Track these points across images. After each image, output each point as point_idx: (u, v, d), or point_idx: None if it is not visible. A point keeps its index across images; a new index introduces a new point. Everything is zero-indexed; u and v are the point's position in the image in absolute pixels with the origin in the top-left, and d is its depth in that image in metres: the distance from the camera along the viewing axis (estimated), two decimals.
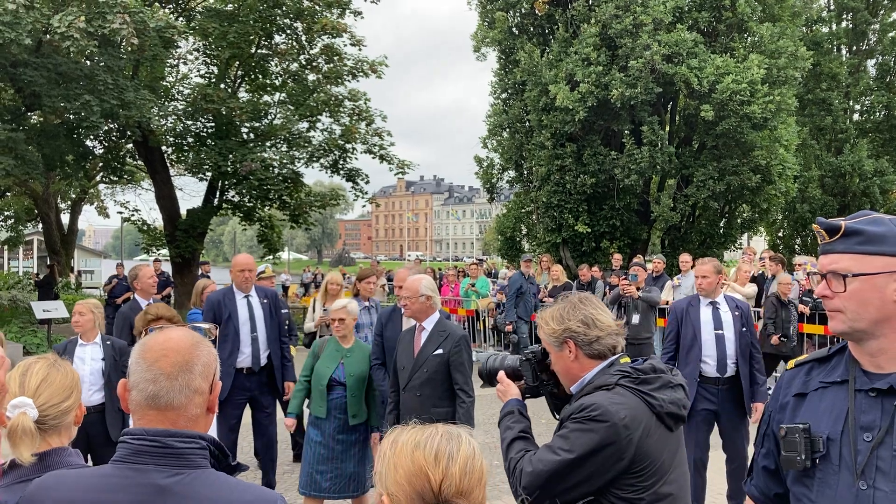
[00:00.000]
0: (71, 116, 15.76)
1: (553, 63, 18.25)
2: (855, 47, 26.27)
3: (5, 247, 33.68)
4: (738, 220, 20.51)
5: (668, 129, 18.84)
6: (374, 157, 20.24)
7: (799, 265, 12.89)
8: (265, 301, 6.58)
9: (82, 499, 1.60)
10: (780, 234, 27.96)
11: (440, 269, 18.92)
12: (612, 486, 2.25)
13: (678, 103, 19.29)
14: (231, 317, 6.35)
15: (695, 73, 16.33)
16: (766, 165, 17.54)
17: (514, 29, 20.62)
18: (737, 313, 5.80)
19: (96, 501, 1.59)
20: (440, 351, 4.76)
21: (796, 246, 26.92)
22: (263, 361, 6.45)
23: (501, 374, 2.72)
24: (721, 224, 20.21)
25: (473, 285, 15.38)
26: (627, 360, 2.42)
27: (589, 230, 18.69)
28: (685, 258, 12.08)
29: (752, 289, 11.12)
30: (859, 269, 1.82)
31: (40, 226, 28.79)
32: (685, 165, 18.03)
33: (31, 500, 1.64)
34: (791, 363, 2.09)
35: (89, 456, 5.48)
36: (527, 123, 19.88)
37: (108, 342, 5.66)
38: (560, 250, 19.50)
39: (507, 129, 20.83)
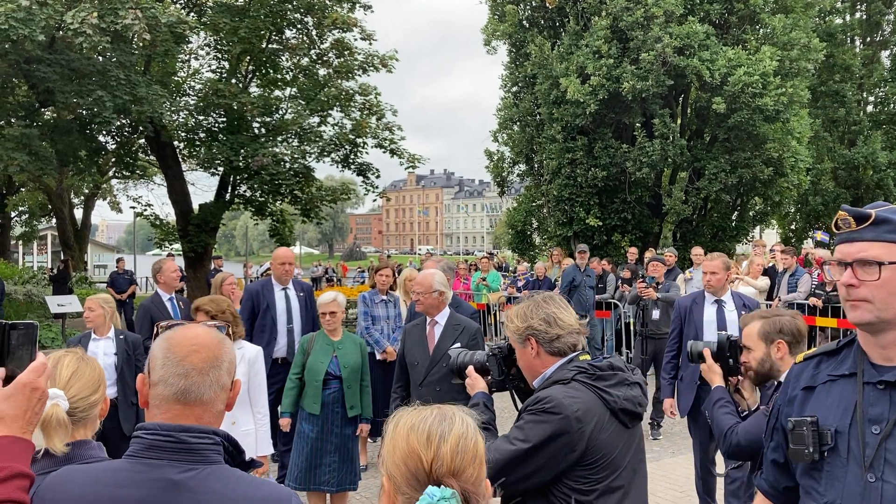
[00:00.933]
0: (84, 112, 15.85)
1: (564, 56, 18.20)
2: (869, 38, 26.06)
3: (20, 242, 33.96)
4: (750, 213, 20.43)
5: (679, 121, 18.76)
6: (384, 152, 20.23)
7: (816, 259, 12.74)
8: (301, 294, 6.79)
9: (95, 493, 1.60)
10: (793, 227, 27.83)
11: (465, 262, 18.91)
12: (565, 477, 2.33)
13: (690, 96, 19.20)
14: (269, 307, 6.55)
15: (706, 65, 16.25)
16: (779, 158, 17.45)
17: (524, 22, 20.57)
18: (743, 312, 5.43)
19: (110, 496, 1.60)
20: (457, 345, 4.75)
21: (809, 238, 26.77)
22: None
23: (470, 368, 2.85)
24: (733, 217, 20.13)
25: (484, 279, 15.40)
26: (587, 357, 2.51)
27: (600, 223, 18.66)
28: (697, 251, 12.05)
29: (765, 282, 11.07)
30: (892, 257, 1.78)
31: (54, 221, 29.01)
32: (697, 158, 17.96)
33: (44, 494, 1.64)
34: (800, 356, 2.09)
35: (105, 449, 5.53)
36: (537, 117, 19.84)
37: (122, 336, 5.70)
38: (571, 244, 19.46)
39: (518, 123, 20.80)
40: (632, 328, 12.08)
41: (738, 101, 16.34)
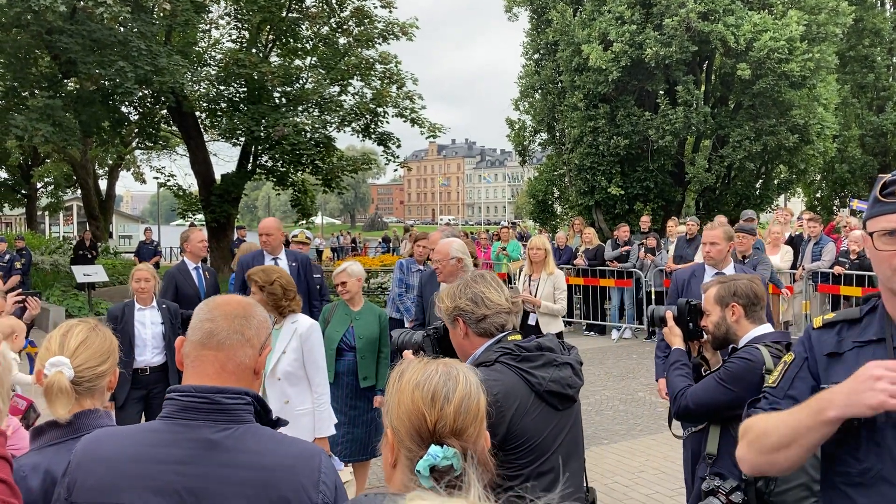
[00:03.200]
0: (106, 83, 15.93)
1: (586, 22, 17.96)
2: None
3: (46, 212, 34.38)
4: (775, 181, 20.15)
5: (703, 88, 18.48)
6: (405, 121, 20.18)
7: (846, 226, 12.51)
8: (293, 264, 6.79)
9: (136, 453, 1.66)
10: (818, 195, 27.45)
11: (472, 234, 18.90)
12: None
13: (714, 62, 18.89)
14: None
15: (731, 30, 15.97)
16: (805, 125, 17.17)
17: None
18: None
19: (150, 456, 1.65)
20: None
21: (835, 207, 26.42)
22: None
23: (408, 352, 2.79)
24: (757, 185, 19.88)
25: (504, 249, 15.39)
26: (517, 337, 2.43)
27: (622, 192, 18.52)
28: (721, 220, 11.91)
29: (786, 255, 10.87)
30: None
31: (79, 192, 29.29)
32: (721, 126, 17.72)
33: (80, 457, 1.69)
34: (818, 321, 2.05)
35: (144, 413, 5.69)
36: (559, 84, 19.65)
37: (165, 305, 5.83)
38: (593, 213, 19.37)
39: (539, 91, 20.61)
40: (653, 298, 12.04)
41: (763, 67, 16.06)
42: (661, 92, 17.60)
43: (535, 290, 7.00)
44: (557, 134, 20.90)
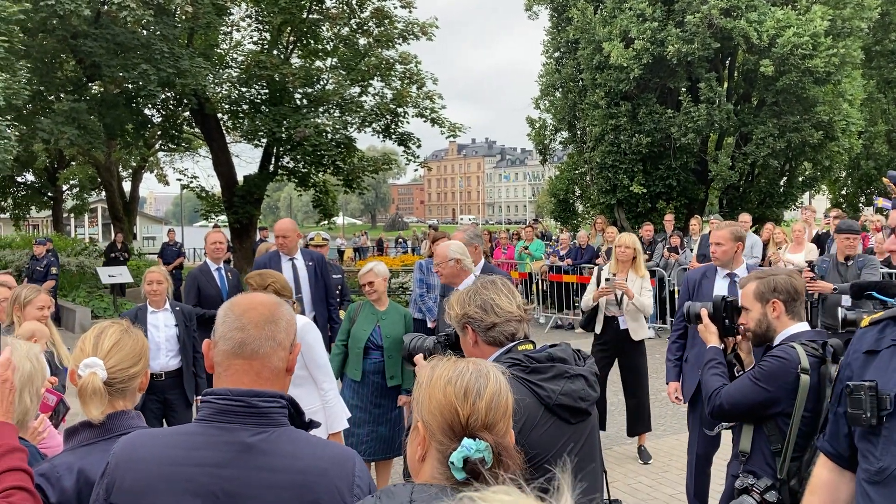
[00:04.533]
0: (129, 86, 16.09)
1: (607, 20, 17.88)
2: None
3: (72, 214, 34.79)
4: (800, 179, 19.94)
5: (726, 85, 18.33)
6: (425, 121, 20.20)
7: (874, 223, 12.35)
8: (310, 264, 6.84)
9: (173, 456, 1.67)
10: (844, 192, 27.14)
11: (495, 233, 18.87)
12: None
13: (737, 59, 18.73)
14: None
15: (754, 26, 15.82)
16: (829, 121, 16.97)
17: None
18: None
19: (188, 458, 1.66)
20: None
21: (860, 204, 26.10)
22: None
23: (418, 357, 2.72)
24: (781, 183, 19.68)
25: (527, 248, 15.36)
26: (529, 346, 2.35)
27: (644, 191, 18.41)
28: (744, 218, 11.84)
29: (811, 253, 10.72)
30: None
31: (104, 194, 29.59)
32: (744, 123, 17.56)
33: (118, 459, 1.71)
34: (866, 320, 2.06)
35: (164, 421, 5.64)
36: (580, 83, 19.57)
37: (178, 308, 5.77)
38: (615, 212, 19.28)
39: (560, 89, 20.54)
40: (676, 297, 11.97)
41: (787, 64, 15.90)
42: (683, 89, 17.47)
43: (620, 293, 6.56)
44: (578, 132, 20.82)
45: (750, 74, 17.65)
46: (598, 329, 6.83)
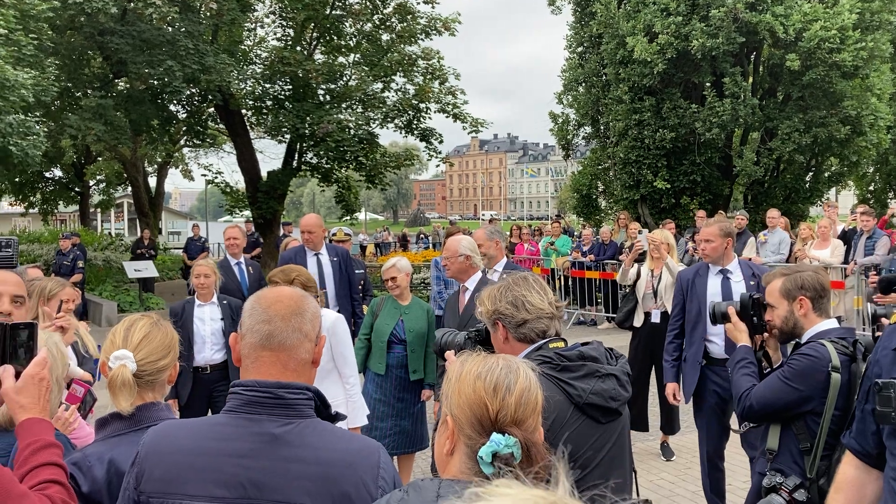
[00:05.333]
0: (155, 82, 16.26)
1: (630, 14, 17.76)
2: None
3: (98, 209, 35.21)
4: (826, 174, 19.71)
5: (751, 80, 18.14)
6: (447, 117, 20.22)
7: None
8: (335, 259, 6.87)
9: (202, 446, 1.71)
10: (871, 188, 26.77)
11: (520, 228, 18.79)
12: None
13: (762, 53, 18.53)
14: None
15: (780, 20, 15.65)
16: (857, 116, 16.74)
17: None
18: (752, 283, 4.80)
19: (215, 449, 1.70)
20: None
21: (889, 200, 25.74)
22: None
23: (450, 353, 2.73)
24: (807, 178, 19.46)
25: (553, 243, 15.31)
26: (560, 344, 2.34)
27: (668, 186, 18.28)
28: (773, 213, 11.73)
29: (837, 249, 10.61)
30: None
31: (129, 189, 29.95)
32: (769, 118, 17.38)
33: (148, 448, 1.74)
34: (895, 316, 2.05)
35: (210, 411, 5.65)
36: (603, 77, 19.47)
37: (226, 301, 5.76)
38: (638, 207, 19.17)
39: (583, 84, 20.44)
40: None
41: (813, 58, 15.71)
42: (707, 84, 17.32)
43: (657, 286, 6.64)
44: (601, 127, 20.71)
45: (775, 69, 17.46)
46: (637, 323, 6.84)
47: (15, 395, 1.87)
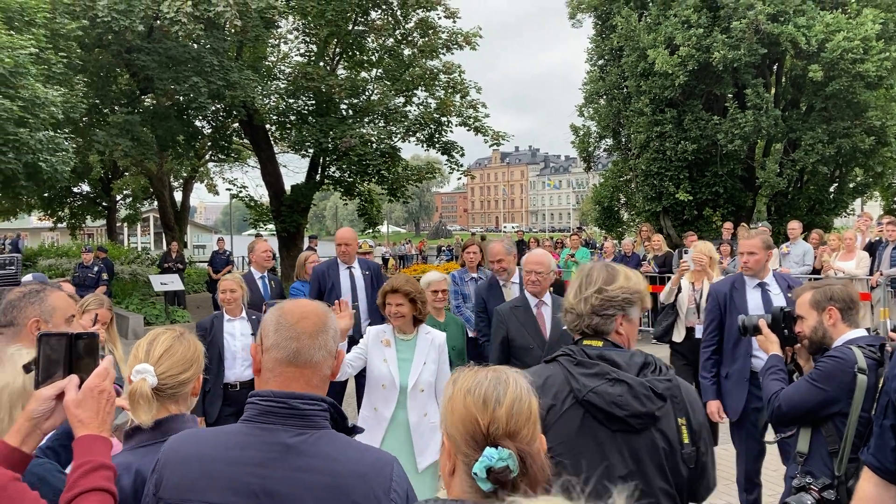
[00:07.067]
0: (181, 98, 16.52)
1: (651, 27, 17.78)
2: None
3: (125, 224, 35.62)
4: (850, 185, 19.54)
5: (773, 91, 18.07)
6: (468, 130, 20.31)
7: None
8: (367, 273, 6.85)
9: (217, 454, 1.75)
10: None
11: (538, 240, 18.80)
12: None
13: (784, 64, 18.46)
14: (334, 286, 6.64)
15: (802, 31, 15.59)
16: (882, 126, 16.61)
17: None
18: (790, 295, 4.50)
19: (230, 457, 1.74)
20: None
21: None
22: (364, 331, 6.69)
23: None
24: (831, 189, 19.31)
25: (573, 255, 15.30)
26: (596, 343, 2.29)
27: (690, 198, 18.22)
28: (793, 225, 11.65)
29: (862, 261, 10.50)
30: None
31: (156, 203, 30.28)
32: (792, 129, 17.29)
33: (167, 456, 1.80)
34: None
35: None
36: (624, 90, 19.48)
37: (255, 317, 5.60)
38: (660, 219, 19.10)
39: (605, 97, 20.46)
40: None
41: (836, 68, 15.62)
42: (729, 95, 17.28)
43: (699, 300, 6.58)
44: (623, 139, 20.70)
45: (798, 80, 17.39)
46: (678, 338, 6.75)
47: (74, 408, 1.81)
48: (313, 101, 19.56)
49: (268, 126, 20.39)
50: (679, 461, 2.18)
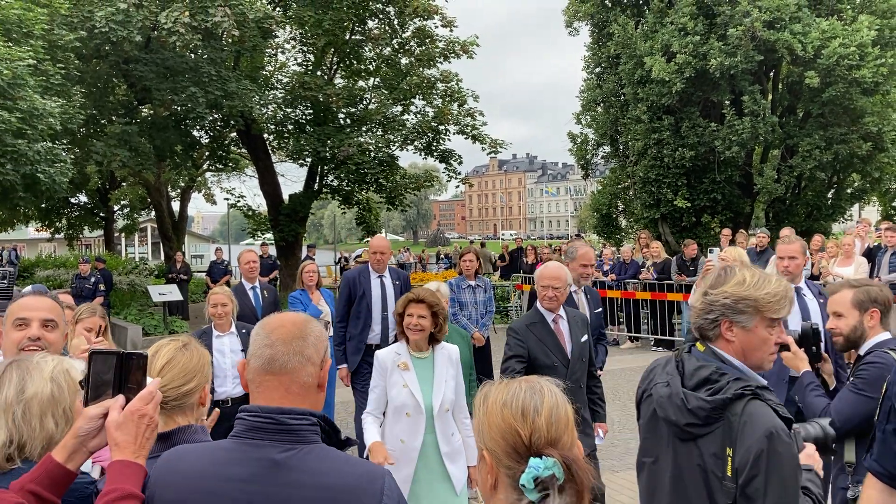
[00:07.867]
0: (178, 108, 16.52)
1: (648, 35, 17.84)
2: None
3: (123, 234, 35.58)
4: (848, 191, 19.59)
5: (770, 97, 18.14)
6: (466, 138, 20.34)
7: None
8: (397, 283, 6.80)
9: (205, 470, 1.74)
10: (895, 204, 26.48)
11: (536, 248, 18.82)
12: None
13: (781, 71, 18.53)
14: (365, 294, 6.59)
15: (798, 38, 15.65)
16: (878, 132, 16.67)
17: (606, 2, 20.24)
18: (821, 300, 4.63)
19: (217, 473, 1.73)
20: (585, 337, 4.56)
21: None
22: (391, 340, 6.63)
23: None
24: (829, 195, 19.35)
25: None
26: (700, 347, 2.30)
27: (689, 205, 18.25)
28: (785, 232, 11.64)
29: (861, 267, 10.51)
30: None
31: (153, 213, 30.26)
32: (789, 135, 17.33)
33: (159, 472, 1.79)
34: None
35: None
36: (622, 97, 19.53)
37: (244, 331, 5.49)
38: (659, 226, 19.13)
39: (602, 104, 20.52)
40: None
41: (833, 75, 15.68)
42: (726, 102, 17.33)
43: None
44: (621, 147, 20.75)
45: (795, 86, 17.44)
46: None
47: (114, 430, 1.77)
48: (311, 111, 19.59)
49: (265, 135, 20.40)
50: (719, 490, 2.10)
